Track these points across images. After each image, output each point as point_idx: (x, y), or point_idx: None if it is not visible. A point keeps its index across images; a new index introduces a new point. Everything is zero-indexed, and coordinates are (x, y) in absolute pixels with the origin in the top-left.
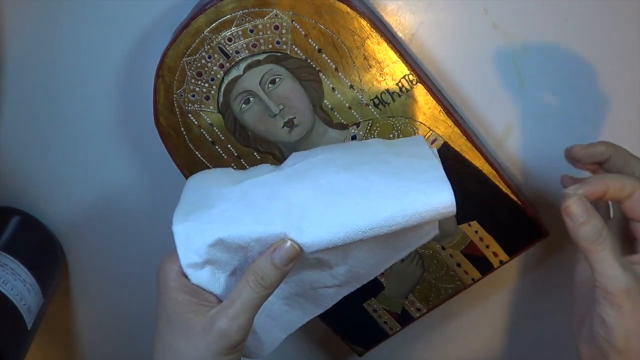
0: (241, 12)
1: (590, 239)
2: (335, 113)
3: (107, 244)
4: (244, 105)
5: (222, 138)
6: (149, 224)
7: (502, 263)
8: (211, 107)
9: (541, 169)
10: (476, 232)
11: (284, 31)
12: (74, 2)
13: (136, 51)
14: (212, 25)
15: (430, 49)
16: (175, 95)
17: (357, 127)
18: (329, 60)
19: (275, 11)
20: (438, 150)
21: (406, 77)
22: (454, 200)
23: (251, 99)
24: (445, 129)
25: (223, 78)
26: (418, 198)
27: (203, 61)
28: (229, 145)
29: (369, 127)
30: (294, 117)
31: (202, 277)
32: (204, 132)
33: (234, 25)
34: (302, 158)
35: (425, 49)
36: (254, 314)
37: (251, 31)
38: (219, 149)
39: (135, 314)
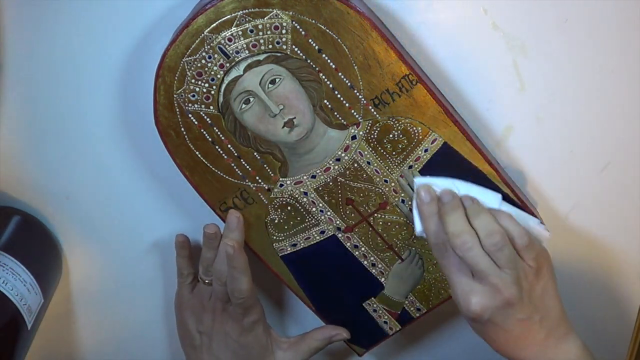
0: (241, 12)
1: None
2: (335, 113)
3: (107, 244)
4: (244, 105)
5: (222, 138)
6: (149, 223)
7: None
8: (211, 107)
9: (541, 169)
10: None
11: (284, 31)
12: (74, 3)
13: (136, 51)
14: (212, 26)
15: (430, 49)
16: (175, 95)
17: (357, 127)
18: (329, 60)
19: (275, 11)
20: (438, 150)
21: (406, 77)
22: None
23: (251, 99)
24: (445, 129)
25: (223, 78)
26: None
27: (203, 61)
28: (229, 145)
29: (368, 127)
30: (294, 117)
31: None
32: (204, 132)
33: (234, 25)
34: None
35: (425, 49)
36: None
37: (251, 31)
38: (219, 149)
39: (135, 314)
